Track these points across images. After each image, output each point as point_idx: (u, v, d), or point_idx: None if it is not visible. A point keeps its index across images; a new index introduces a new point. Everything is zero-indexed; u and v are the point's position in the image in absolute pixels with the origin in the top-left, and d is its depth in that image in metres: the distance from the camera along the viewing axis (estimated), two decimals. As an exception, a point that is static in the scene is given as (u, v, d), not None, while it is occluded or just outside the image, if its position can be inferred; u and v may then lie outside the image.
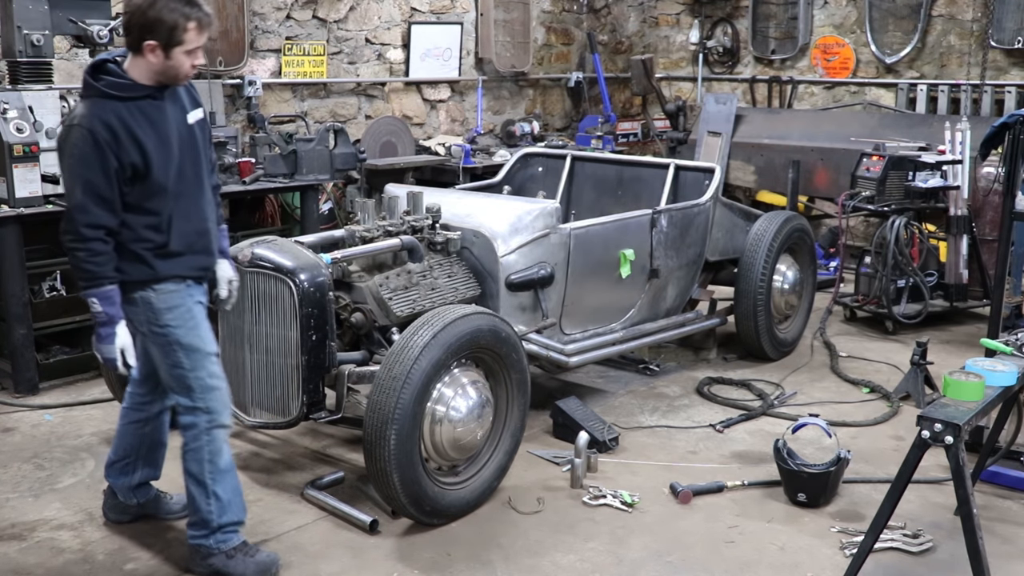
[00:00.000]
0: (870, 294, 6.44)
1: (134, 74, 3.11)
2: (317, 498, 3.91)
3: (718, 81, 9.74)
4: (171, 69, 3.12)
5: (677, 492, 4.00)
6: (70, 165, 3.06)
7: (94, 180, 3.03)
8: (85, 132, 3.03)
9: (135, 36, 3.07)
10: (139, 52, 3.09)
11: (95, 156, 3.02)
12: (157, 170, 3.11)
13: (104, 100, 3.06)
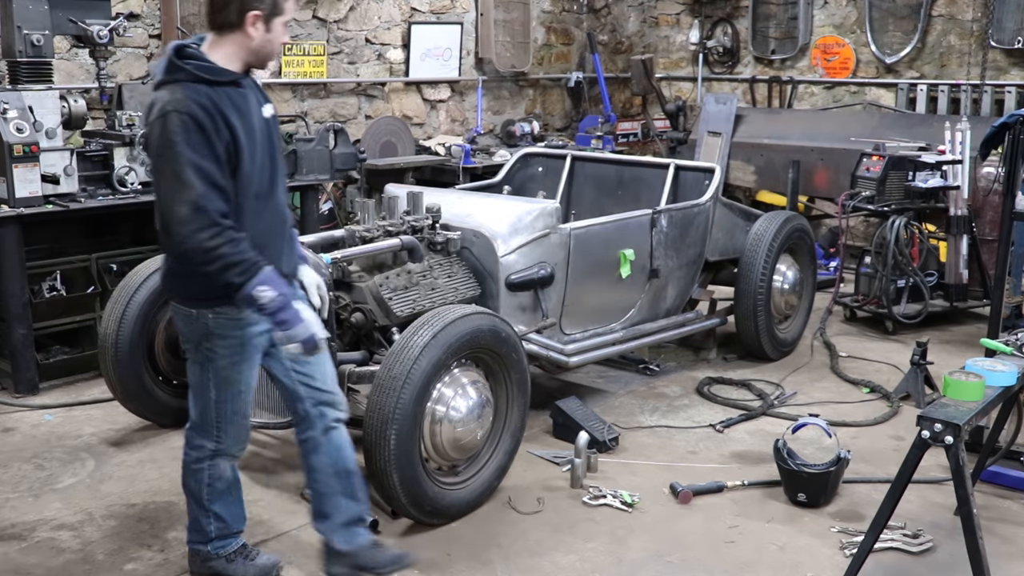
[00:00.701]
0: (870, 294, 6.44)
1: (217, 59, 2.88)
2: (317, 498, 3.91)
3: (718, 81, 9.74)
4: (268, 44, 2.92)
5: (677, 492, 3.99)
6: (176, 155, 2.74)
7: (205, 167, 2.76)
8: (185, 117, 2.75)
9: (235, 9, 2.84)
10: (235, 29, 2.86)
11: (201, 141, 2.76)
12: (246, 161, 2.88)
13: (194, 84, 2.81)
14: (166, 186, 2.80)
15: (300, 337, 2.88)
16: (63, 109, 5.17)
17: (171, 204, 2.77)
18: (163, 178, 2.81)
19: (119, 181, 5.34)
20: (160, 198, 2.86)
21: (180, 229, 2.76)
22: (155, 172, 2.86)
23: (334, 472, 3.22)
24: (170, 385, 4.62)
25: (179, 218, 2.76)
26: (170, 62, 2.84)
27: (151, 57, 6.47)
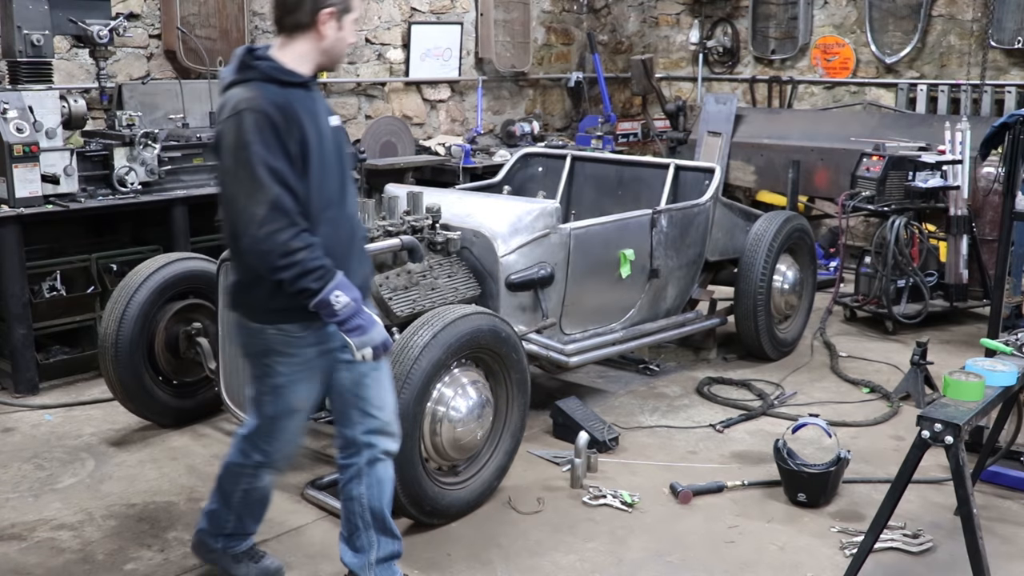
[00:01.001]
0: (870, 294, 6.44)
1: (288, 61, 2.82)
2: (317, 498, 3.91)
3: (718, 81, 9.74)
4: (340, 43, 2.87)
5: (677, 492, 3.99)
6: (251, 155, 2.66)
7: (280, 167, 2.68)
8: (261, 116, 2.68)
9: (308, 8, 2.78)
10: (308, 29, 2.80)
11: (275, 141, 2.69)
12: (316, 166, 2.80)
13: (267, 83, 2.76)
14: (239, 187, 2.71)
15: (374, 342, 2.83)
16: (63, 109, 5.18)
17: (246, 205, 2.69)
18: (236, 178, 2.72)
19: (119, 181, 5.34)
20: (230, 199, 2.76)
21: (257, 231, 2.68)
22: (226, 172, 2.77)
23: (370, 506, 3.11)
24: (170, 385, 4.62)
25: (257, 219, 2.67)
26: (242, 62, 2.81)
27: (151, 57, 6.47)
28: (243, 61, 2.81)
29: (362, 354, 2.84)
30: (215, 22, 6.57)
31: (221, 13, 6.59)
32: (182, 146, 5.73)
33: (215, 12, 6.56)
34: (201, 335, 4.54)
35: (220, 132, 2.77)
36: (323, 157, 2.83)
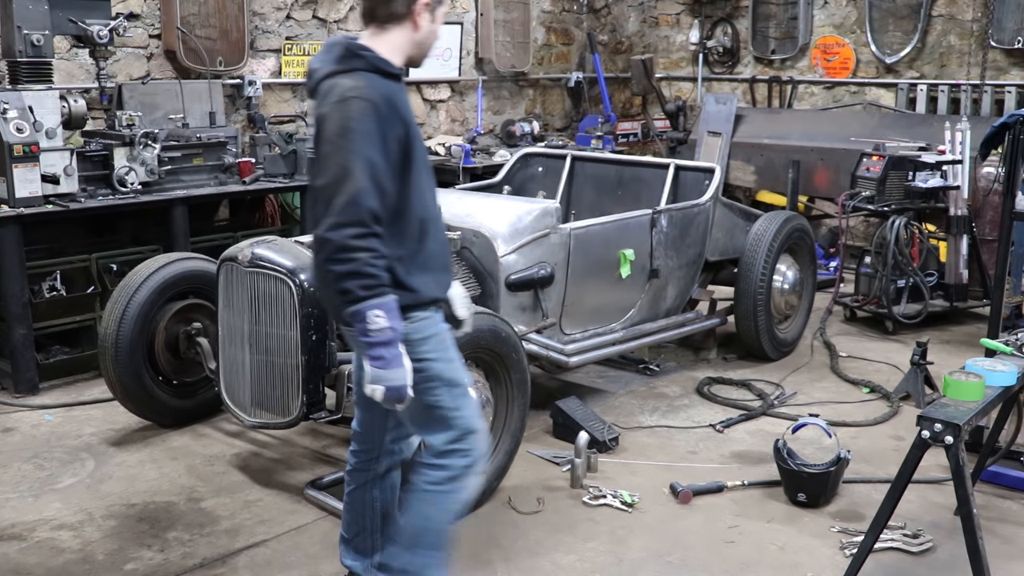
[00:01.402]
0: (870, 294, 6.44)
1: (382, 53, 2.72)
2: (317, 498, 3.91)
3: (718, 81, 9.74)
4: (431, 36, 2.78)
5: (677, 492, 3.99)
6: (349, 144, 2.56)
7: (376, 161, 2.57)
8: (369, 105, 2.58)
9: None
10: (403, 20, 2.71)
11: (377, 133, 2.58)
12: (418, 162, 2.71)
13: (373, 74, 2.66)
14: (331, 174, 2.59)
15: (390, 382, 2.58)
16: (63, 109, 5.17)
17: (332, 194, 2.56)
18: (330, 165, 2.60)
19: (119, 181, 5.34)
20: (321, 188, 2.63)
21: (332, 219, 2.55)
22: (322, 159, 2.64)
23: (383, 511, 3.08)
24: (170, 385, 4.62)
25: (336, 208, 2.55)
26: (347, 50, 2.69)
27: (151, 57, 6.47)
28: (348, 50, 2.69)
29: (369, 388, 2.61)
30: (215, 22, 6.57)
31: (221, 13, 6.59)
32: (182, 146, 5.73)
33: (215, 12, 6.56)
34: (201, 335, 4.54)
35: (322, 118, 2.65)
36: (422, 155, 2.75)
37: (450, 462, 2.81)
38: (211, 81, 6.48)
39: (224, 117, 6.56)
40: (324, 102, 2.66)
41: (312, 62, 2.76)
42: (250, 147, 6.41)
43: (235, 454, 4.40)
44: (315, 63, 2.74)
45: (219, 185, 5.87)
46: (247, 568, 3.45)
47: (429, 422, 2.81)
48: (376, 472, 3.07)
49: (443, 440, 2.80)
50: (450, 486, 2.82)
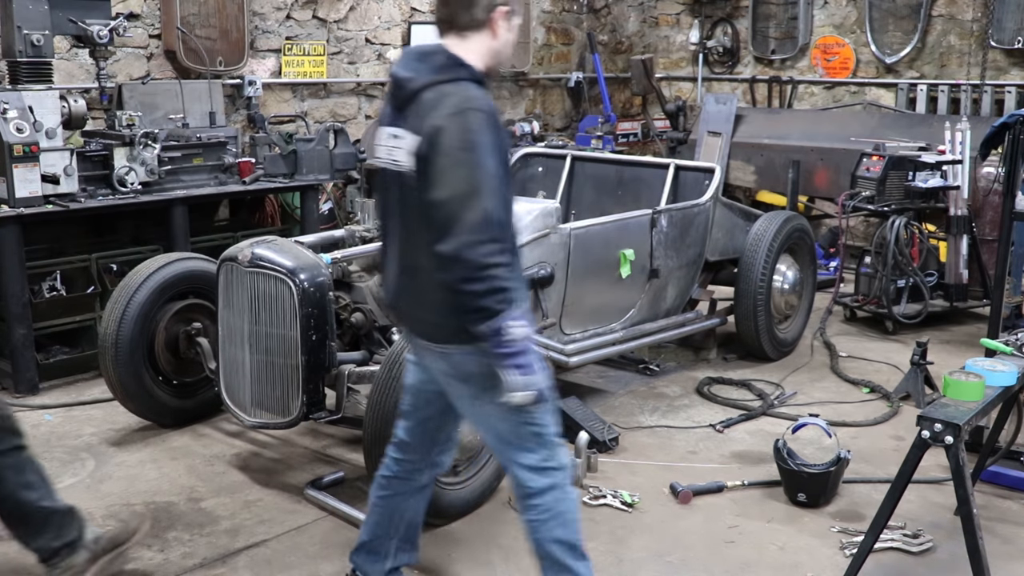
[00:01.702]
0: (870, 294, 6.44)
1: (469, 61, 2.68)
2: (317, 498, 3.91)
3: (718, 81, 9.74)
4: (507, 45, 2.74)
5: (677, 492, 3.99)
6: (475, 157, 2.51)
7: (499, 176, 2.54)
8: (485, 116, 2.53)
9: (484, 4, 2.65)
10: (482, 27, 2.66)
11: (495, 145, 2.54)
12: (508, 173, 2.68)
13: (474, 84, 2.62)
14: (455, 188, 2.51)
15: (535, 386, 2.57)
16: (63, 109, 5.17)
17: (458, 209, 2.49)
18: (453, 180, 2.52)
19: (119, 181, 5.34)
20: (441, 202, 2.52)
21: (466, 237, 2.47)
22: (440, 172, 2.54)
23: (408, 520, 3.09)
24: (170, 385, 4.62)
25: (468, 225, 2.47)
26: (450, 59, 2.64)
27: (151, 57, 6.47)
28: (451, 59, 2.64)
29: (518, 396, 2.55)
30: (215, 22, 6.57)
31: (221, 13, 6.60)
32: (182, 146, 5.73)
33: (215, 12, 6.56)
34: (201, 335, 4.54)
35: (438, 130, 2.54)
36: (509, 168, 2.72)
37: (551, 480, 2.79)
38: (211, 81, 6.48)
39: (224, 117, 6.57)
40: (434, 113, 2.56)
41: (401, 71, 2.68)
42: (250, 147, 6.42)
43: (235, 454, 4.40)
44: (406, 71, 2.67)
45: (219, 185, 5.87)
46: (247, 568, 3.45)
47: (522, 439, 2.76)
48: (418, 483, 3.06)
49: (537, 459, 2.78)
50: (565, 500, 2.81)
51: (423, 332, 2.77)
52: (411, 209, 2.67)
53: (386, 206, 2.82)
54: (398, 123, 2.68)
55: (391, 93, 2.72)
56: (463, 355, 2.69)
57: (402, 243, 2.74)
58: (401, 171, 2.66)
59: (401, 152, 2.65)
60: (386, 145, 2.73)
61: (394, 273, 2.81)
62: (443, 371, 2.78)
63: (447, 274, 2.53)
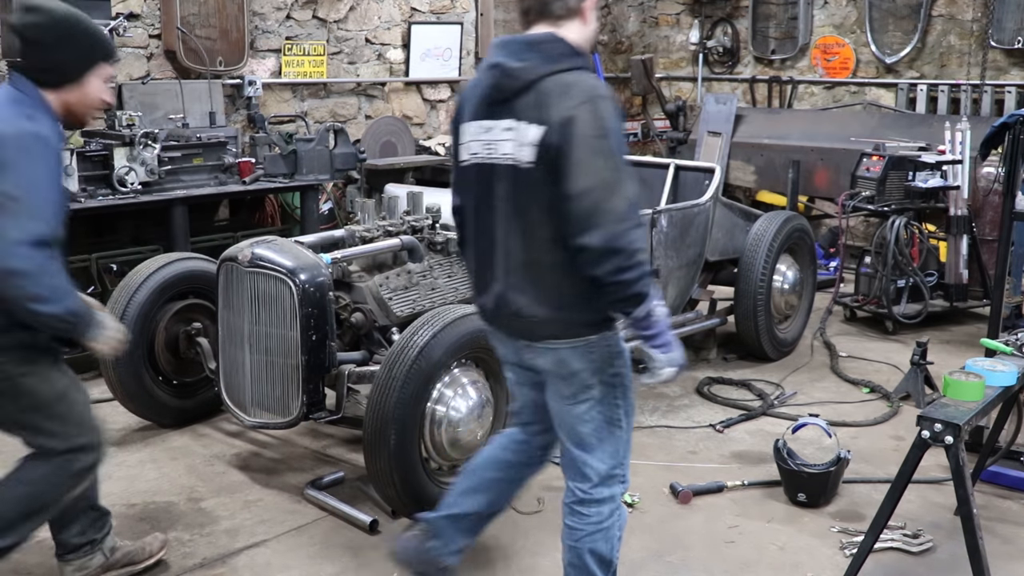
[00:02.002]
0: (870, 294, 6.44)
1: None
2: (317, 498, 3.91)
3: (718, 81, 9.74)
4: (594, 34, 2.71)
5: (677, 492, 3.99)
6: (612, 146, 2.49)
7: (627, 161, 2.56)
8: (611, 103, 2.52)
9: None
10: (575, 15, 2.63)
11: (621, 132, 2.53)
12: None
13: (587, 72, 2.59)
14: (597, 178, 2.46)
15: (677, 362, 2.63)
16: (63, 109, 5.16)
17: (602, 199, 2.45)
18: (592, 169, 2.46)
19: (119, 181, 5.34)
20: (580, 193, 2.47)
21: (615, 226, 2.44)
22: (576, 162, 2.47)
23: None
24: (170, 385, 4.62)
25: (615, 214, 2.45)
26: (567, 47, 2.58)
27: (151, 57, 6.47)
28: (568, 47, 2.59)
29: (665, 372, 2.62)
30: (215, 22, 6.57)
31: (221, 13, 6.60)
32: (182, 146, 5.74)
33: (215, 12, 6.57)
34: (201, 335, 4.54)
35: (570, 120, 2.48)
36: None
37: (611, 492, 2.80)
38: (211, 81, 6.48)
39: (224, 117, 6.57)
40: (561, 102, 2.49)
41: (509, 61, 2.58)
42: (250, 147, 6.42)
43: (235, 454, 4.40)
44: (516, 61, 2.57)
45: (219, 185, 5.87)
46: (247, 568, 3.45)
47: (601, 444, 2.76)
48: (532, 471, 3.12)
49: (607, 468, 2.78)
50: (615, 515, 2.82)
51: (528, 331, 2.70)
52: (527, 203, 2.59)
53: (479, 203, 2.72)
54: (504, 115, 2.59)
55: (494, 85, 2.61)
56: (570, 350, 2.66)
57: (510, 240, 2.65)
58: (515, 164, 2.57)
59: (512, 144, 2.58)
60: (484, 139, 2.66)
61: (498, 273, 2.70)
62: (545, 367, 2.73)
63: (595, 267, 2.49)
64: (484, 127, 2.66)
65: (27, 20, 2.80)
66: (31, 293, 2.61)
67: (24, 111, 2.74)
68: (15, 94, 2.80)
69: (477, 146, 2.69)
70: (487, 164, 2.66)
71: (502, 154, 2.61)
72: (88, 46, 2.87)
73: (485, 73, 2.65)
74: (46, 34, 2.80)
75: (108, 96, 2.97)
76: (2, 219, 2.57)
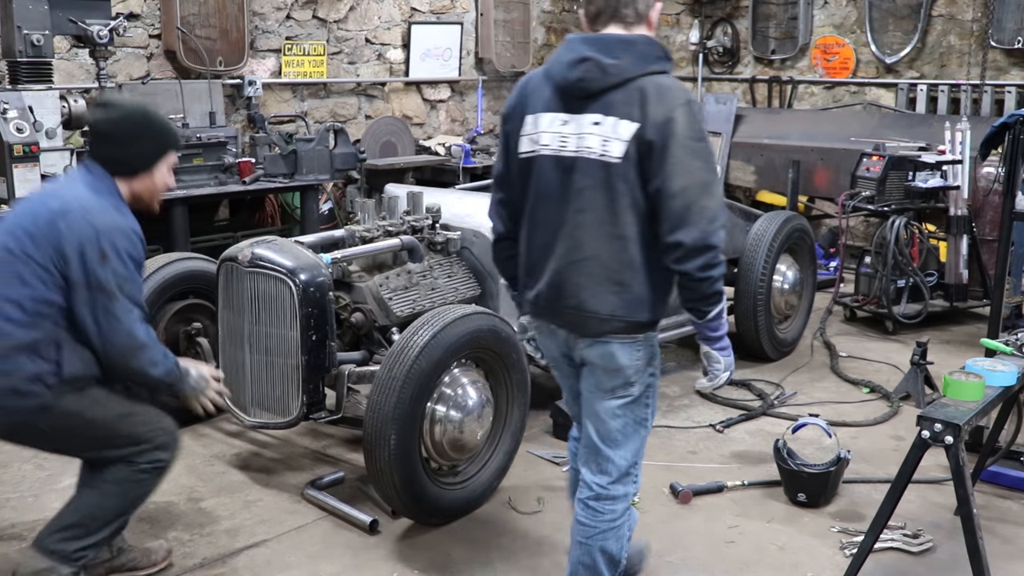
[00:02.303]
0: (870, 294, 6.44)
1: None
2: (317, 498, 3.91)
3: (718, 81, 9.74)
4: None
5: (677, 492, 3.99)
6: (706, 147, 2.58)
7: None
8: (700, 109, 2.60)
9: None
10: (643, 20, 2.69)
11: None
12: None
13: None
14: (694, 178, 2.53)
15: (731, 368, 2.79)
16: (63, 109, 5.18)
17: (697, 198, 2.52)
18: (690, 169, 2.53)
19: (119, 181, 5.33)
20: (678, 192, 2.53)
21: (708, 225, 2.53)
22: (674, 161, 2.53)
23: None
24: (170, 385, 4.61)
25: (709, 213, 2.53)
26: (660, 50, 2.65)
27: (151, 57, 6.48)
28: (660, 50, 2.65)
29: (723, 377, 2.77)
30: (215, 22, 6.58)
31: (221, 13, 6.60)
32: (182, 146, 5.73)
33: (215, 12, 6.57)
34: (201, 335, 4.54)
35: (670, 120, 2.53)
36: None
37: (626, 491, 2.85)
38: (211, 81, 6.48)
39: (224, 117, 6.57)
40: (660, 102, 2.54)
41: (603, 57, 2.59)
42: (250, 147, 6.42)
43: (235, 454, 4.40)
44: (610, 58, 2.59)
45: (219, 185, 5.87)
46: (247, 568, 3.45)
47: (627, 440, 2.83)
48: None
49: (628, 465, 2.84)
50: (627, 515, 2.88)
51: (585, 325, 2.71)
52: (607, 198, 2.61)
53: (542, 195, 2.72)
54: (591, 109, 2.61)
55: (582, 78, 2.61)
56: (620, 346, 2.70)
57: (578, 233, 2.65)
58: (599, 159, 2.59)
59: (599, 139, 2.59)
60: (560, 132, 2.66)
61: (559, 266, 2.71)
62: (592, 360, 2.77)
63: (685, 263, 2.55)
64: (561, 119, 2.66)
65: (101, 116, 3.10)
66: (149, 359, 3.02)
67: (111, 202, 3.00)
68: (94, 182, 3.03)
69: (549, 138, 2.68)
70: (561, 156, 2.66)
71: (585, 147, 2.61)
72: (158, 139, 3.16)
73: (567, 66, 2.64)
74: (119, 129, 3.07)
75: (172, 180, 3.25)
76: (118, 302, 2.92)
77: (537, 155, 2.71)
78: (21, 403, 2.90)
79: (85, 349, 2.95)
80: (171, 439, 3.21)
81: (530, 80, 2.78)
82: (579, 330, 2.74)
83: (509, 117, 2.80)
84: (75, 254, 2.87)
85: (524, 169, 2.75)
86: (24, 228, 2.92)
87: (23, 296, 2.87)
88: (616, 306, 2.66)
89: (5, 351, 2.86)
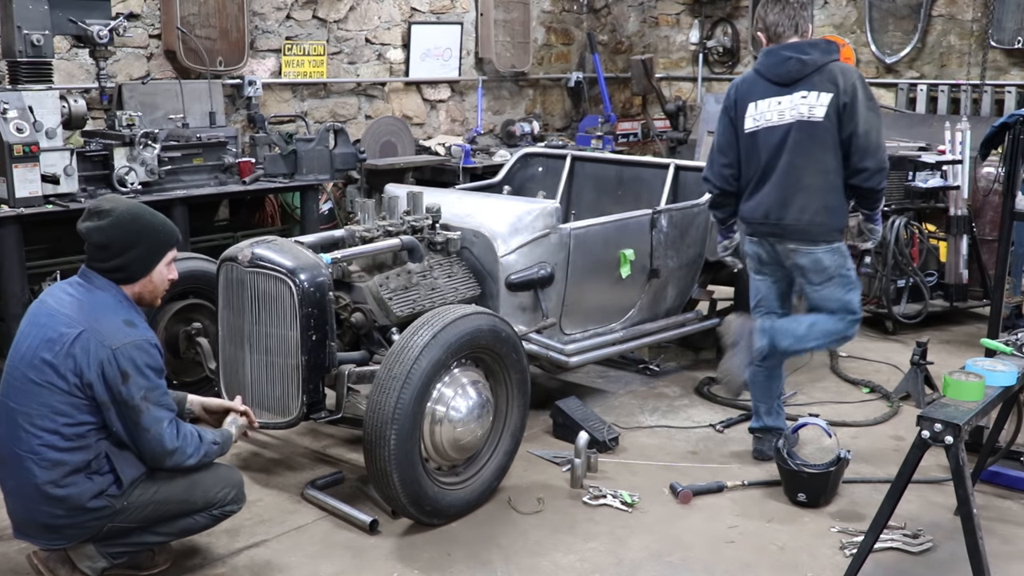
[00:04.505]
0: (870, 294, 6.43)
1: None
2: (317, 498, 3.92)
3: (718, 81, 9.74)
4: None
5: (677, 492, 4.00)
6: (877, 106, 3.99)
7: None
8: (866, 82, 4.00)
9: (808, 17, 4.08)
10: (806, 33, 4.07)
11: None
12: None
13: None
14: (872, 124, 3.89)
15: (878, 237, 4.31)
16: (63, 109, 5.17)
17: (877, 138, 3.89)
18: (870, 118, 3.89)
19: (119, 181, 5.34)
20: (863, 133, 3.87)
21: (882, 153, 3.91)
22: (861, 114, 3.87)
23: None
24: (170, 385, 4.59)
25: (881, 147, 3.91)
26: (833, 47, 3.98)
27: (151, 57, 6.47)
28: (833, 47, 4.00)
29: (874, 240, 4.31)
30: (215, 22, 6.57)
31: (221, 13, 6.59)
32: (182, 146, 5.74)
33: (215, 12, 6.56)
34: (201, 335, 4.54)
35: (855, 87, 3.88)
36: None
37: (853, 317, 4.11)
38: (211, 81, 6.48)
39: (224, 117, 6.57)
40: (845, 78, 3.89)
41: (802, 55, 3.92)
42: (250, 147, 6.42)
43: (235, 454, 4.39)
44: (807, 55, 3.92)
45: (219, 185, 5.87)
46: (247, 568, 3.45)
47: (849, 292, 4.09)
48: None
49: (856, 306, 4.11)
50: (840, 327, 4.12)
51: (800, 236, 4.01)
52: (814, 146, 3.92)
53: (770, 153, 4.00)
54: (798, 89, 3.93)
55: (791, 70, 3.94)
56: (824, 252, 4.01)
57: (795, 172, 3.96)
58: (808, 120, 3.91)
59: (807, 107, 3.91)
60: (777, 109, 3.97)
61: (778, 197, 4.01)
62: (804, 265, 4.05)
63: (869, 180, 3.95)
64: (777, 100, 3.98)
65: (92, 226, 3.08)
66: (181, 459, 3.13)
67: (121, 315, 3.07)
68: (100, 297, 3.10)
69: (771, 114, 3.99)
70: (781, 125, 3.97)
71: (798, 114, 3.93)
72: (153, 243, 3.14)
73: (778, 64, 3.97)
74: (113, 241, 3.08)
75: (174, 275, 3.27)
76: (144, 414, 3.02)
77: (760, 128, 4.02)
78: (95, 518, 3.04)
79: (133, 451, 3.09)
80: (240, 492, 3.35)
81: (744, 80, 4.11)
82: (797, 238, 4.00)
83: (732, 107, 4.11)
84: (97, 378, 2.96)
85: (750, 139, 4.05)
86: (43, 359, 3.02)
87: (60, 425, 2.97)
88: (823, 217, 3.98)
89: (62, 477, 2.97)
